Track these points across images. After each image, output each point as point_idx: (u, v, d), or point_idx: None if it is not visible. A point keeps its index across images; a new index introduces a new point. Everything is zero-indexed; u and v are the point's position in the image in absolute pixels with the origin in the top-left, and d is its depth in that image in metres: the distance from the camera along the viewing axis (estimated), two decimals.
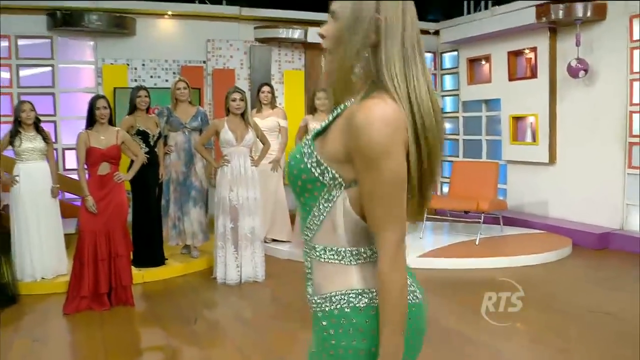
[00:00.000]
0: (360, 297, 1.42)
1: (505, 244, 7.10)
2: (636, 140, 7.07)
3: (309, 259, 1.50)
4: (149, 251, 6.05)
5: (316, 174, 1.42)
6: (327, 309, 1.44)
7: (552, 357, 4.06)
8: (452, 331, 4.50)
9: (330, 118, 1.46)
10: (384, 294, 1.37)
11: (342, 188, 1.42)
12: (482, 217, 7.16)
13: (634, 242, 6.89)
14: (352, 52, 1.42)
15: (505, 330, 4.46)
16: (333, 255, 1.46)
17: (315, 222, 1.46)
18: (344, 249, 1.45)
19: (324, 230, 1.46)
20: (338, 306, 1.42)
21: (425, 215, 7.30)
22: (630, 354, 3.95)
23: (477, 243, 6.89)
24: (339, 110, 1.45)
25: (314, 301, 1.48)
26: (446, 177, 9.65)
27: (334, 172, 1.40)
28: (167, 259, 6.26)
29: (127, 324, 4.79)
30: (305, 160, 1.43)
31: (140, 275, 5.81)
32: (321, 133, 1.46)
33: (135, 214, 6.03)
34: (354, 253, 1.45)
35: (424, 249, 6.71)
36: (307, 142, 1.45)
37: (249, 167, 5.87)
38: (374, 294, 1.42)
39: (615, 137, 7.29)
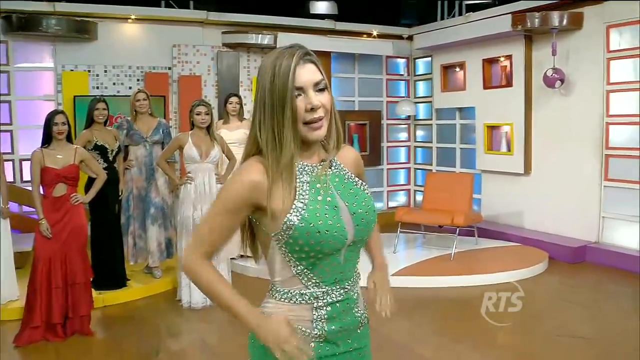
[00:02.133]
0: None
1: (481, 258, 6.95)
2: (612, 152, 6.98)
3: (357, 286, 1.72)
4: (109, 272, 5.75)
5: None
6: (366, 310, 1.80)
7: None
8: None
9: (342, 173, 1.71)
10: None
11: None
12: (457, 230, 7.00)
13: (610, 256, 6.81)
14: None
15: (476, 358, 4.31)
16: None
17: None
18: None
19: None
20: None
21: (399, 228, 7.22)
22: None
23: (452, 258, 6.74)
24: (335, 163, 1.71)
25: (364, 312, 1.76)
26: (420, 186, 9.53)
27: None
28: (128, 280, 5.98)
29: (85, 356, 4.51)
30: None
31: (100, 299, 5.51)
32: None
33: (93, 233, 5.72)
34: None
35: (398, 265, 6.51)
36: (365, 186, 1.72)
37: (214, 184, 5.62)
38: None
39: (591, 148, 7.20)
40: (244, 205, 1.58)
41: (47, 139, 4.85)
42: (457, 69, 8.98)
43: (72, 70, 7.77)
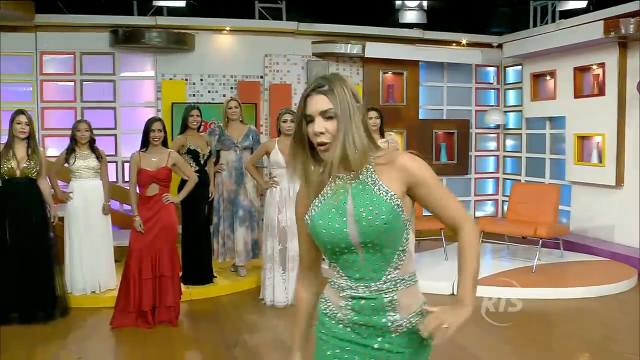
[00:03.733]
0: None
1: (564, 272, 6.83)
2: None
3: (393, 292, 1.81)
4: (197, 269, 6.16)
5: (402, 220, 1.79)
6: (417, 321, 1.83)
7: None
8: None
9: (369, 180, 1.81)
10: (477, 252, 1.84)
11: (408, 224, 1.81)
12: (540, 242, 6.91)
13: None
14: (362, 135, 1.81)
15: None
16: (413, 278, 1.86)
17: (402, 258, 1.82)
18: (414, 270, 1.88)
19: (407, 262, 1.83)
20: (423, 315, 1.83)
21: (481, 238, 7.19)
22: None
23: (533, 270, 6.66)
24: (367, 172, 1.82)
25: (406, 322, 1.83)
26: (507, 196, 9.40)
27: (405, 214, 1.80)
28: (215, 277, 6.37)
29: (168, 344, 4.88)
30: (399, 212, 1.77)
31: (188, 293, 5.90)
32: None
33: (184, 232, 6.16)
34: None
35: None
36: (393, 199, 1.76)
37: (297, 189, 5.86)
38: None
39: None
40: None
41: (145, 143, 5.32)
42: (548, 78, 8.82)
43: (170, 79, 8.35)
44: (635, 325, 5.38)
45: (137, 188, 5.35)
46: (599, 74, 7.93)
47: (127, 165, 8.19)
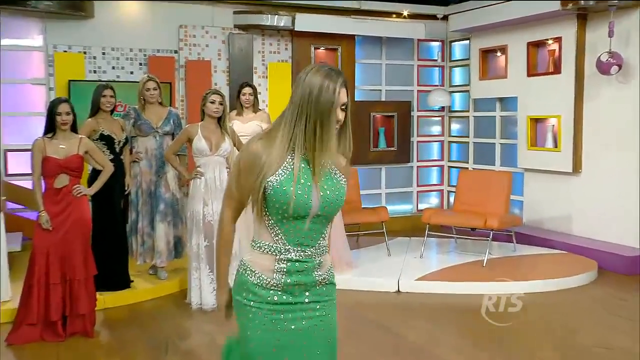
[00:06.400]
0: None
1: (517, 266, 7.42)
2: None
3: (321, 256, 2.54)
4: (110, 272, 6.23)
5: None
6: (333, 276, 2.64)
7: None
8: None
9: (332, 169, 2.54)
10: None
11: None
12: (491, 234, 7.47)
13: None
14: None
15: None
16: (327, 244, 2.61)
17: (329, 230, 2.59)
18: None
19: (329, 233, 2.61)
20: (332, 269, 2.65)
21: (427, 231, 7.70)
22: None
23: (484, 265, 7.22)
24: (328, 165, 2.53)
25: (325, 276, 2.57)
26: (454, 187, 9.99)
27: None
28: (132, 281, 6.53)
29: (88, 357, 5.03)
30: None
31: (102, 300, 5.98)
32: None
33: (96, 230, 6.21)
34: None
35: (423, 270, 7.06)
36: (342, 180, 2.55)
37: (225, 178, 6.11)
38: None
39: None
40: (251, 167, 2.48)
41: (50, 128, 5.35)
42: (498, 54, 9.44)
43: (65, 51, 8.28)
44: (596, 318, 5.99)
45: (42, 180, 5.39)
46: (554, 50, 8.55)
47: (10, 154, 8.10)
